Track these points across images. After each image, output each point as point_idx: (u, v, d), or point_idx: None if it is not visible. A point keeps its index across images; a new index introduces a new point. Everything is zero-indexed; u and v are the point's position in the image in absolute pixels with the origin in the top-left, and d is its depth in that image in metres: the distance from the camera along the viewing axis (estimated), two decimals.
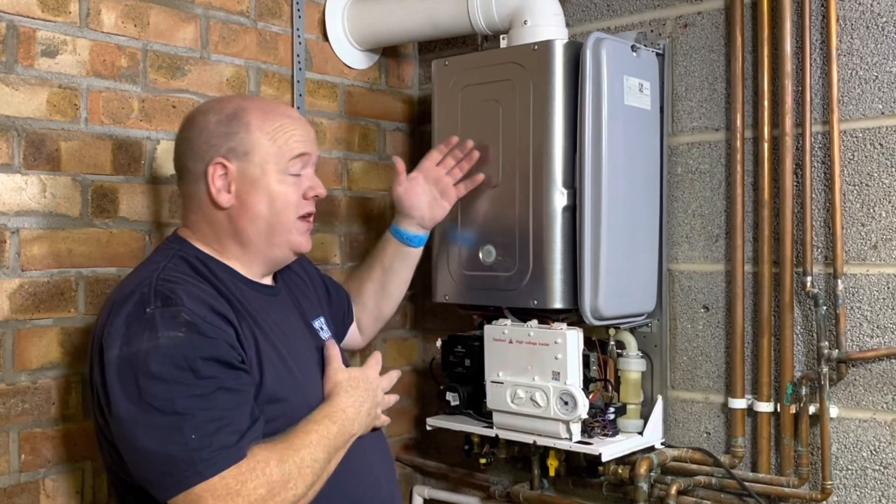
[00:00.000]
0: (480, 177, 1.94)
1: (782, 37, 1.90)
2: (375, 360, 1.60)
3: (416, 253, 1.93)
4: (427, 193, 1.91)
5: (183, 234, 1.53)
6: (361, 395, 1.50)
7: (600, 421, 1.94)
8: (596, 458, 1.90)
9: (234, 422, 1.29)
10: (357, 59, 2.39)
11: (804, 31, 1.87)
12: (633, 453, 1.98)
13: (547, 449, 2.01)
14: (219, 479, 1.25)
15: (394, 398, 1.61)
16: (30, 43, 1.72)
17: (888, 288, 1.82)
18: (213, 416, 1.27)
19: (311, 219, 1.55)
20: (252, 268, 1.52)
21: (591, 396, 1.91)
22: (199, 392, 1.28)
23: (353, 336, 1.93)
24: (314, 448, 1.36)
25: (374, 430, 1.57)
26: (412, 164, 2.55)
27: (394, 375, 1.63)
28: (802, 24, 1.87)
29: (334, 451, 1.41)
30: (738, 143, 1.97)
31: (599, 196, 1.86)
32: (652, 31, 2.11)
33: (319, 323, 1.65)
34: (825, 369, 1.82)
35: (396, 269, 1.92)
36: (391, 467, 1.64)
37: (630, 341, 2.04)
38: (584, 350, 1.91)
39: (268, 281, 1.58)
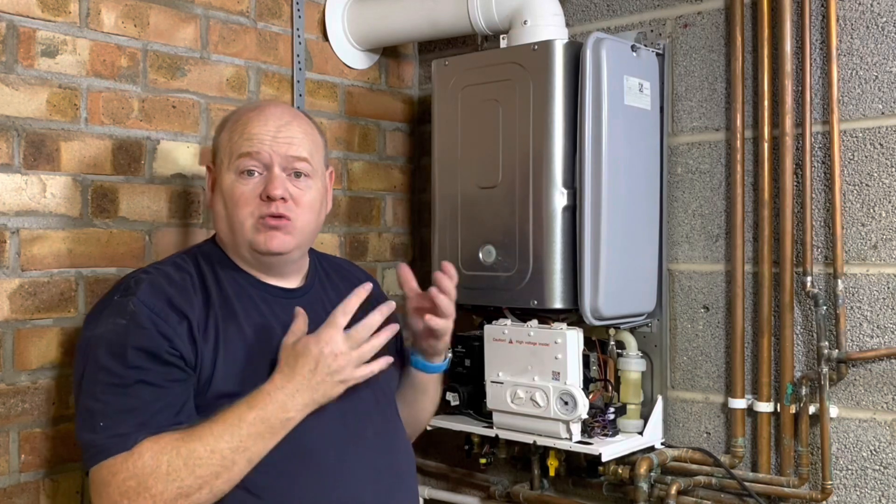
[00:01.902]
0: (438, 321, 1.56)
1: (782, 37, 1.90)
2: (333, 316, 1.39)
3: (425, 379, 1.68)
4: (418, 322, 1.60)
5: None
6: (300, 370, 1.36)
7: (600, 421, 1.94)
8: (596, 458, 1.90)
9: (141, 414, 1.32)
10: (357, 59, 2.39)
11: (804, 31, 1.87)
12: (633, 453, 1.98)
13: (547, 449, 2.01)
14: (97, 469, 1.31)
15: (376, 342, 1.40)
16: (30, 43, 1.72)
17: (888, 288, 1.82)
18: (124, 406, 1.32)
19: (282, 220, 1.46)
20: (251, 269, 1.52)
21: (591, 396, 1.91)
22: (120, 381, 1.33)
23: None
24: (215, 438, 1.31)
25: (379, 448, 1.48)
26: (413, 163, 2.57)
27: (371, 320, 1.40)
28: (802, 24, 1.87)
29: (252, 438, 1.32)
30: (738, 143, 1.97)
31: (599, 196, 1.86)
32: (652, 31, 2.11)
33: None
34: (825, 369, 1.82)
35: (409, 399, 1.68)
36: (393, 484, 1.51)
37: (630, 341, 2.04)
38: (584, 350, 1.91)
39: (288, 283, 1.56)
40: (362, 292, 1.42)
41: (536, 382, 1.89)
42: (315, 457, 1.40)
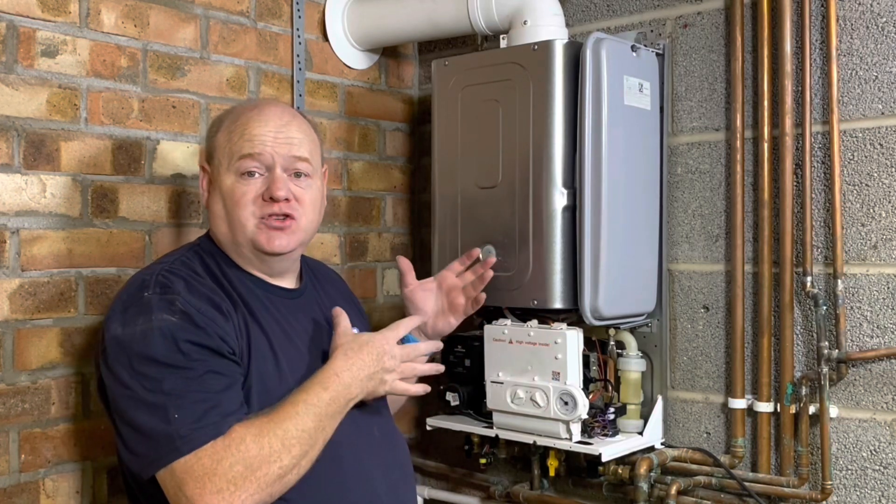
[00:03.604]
0: (483, 296, 1.85)
1: (782, 37, 1.89)
2: (396, 326, 1.52)
3: None
4: (437, 302, 1.82)
5: (210, 231, 1.58)
6: (364, 358, 1.44)
7: (600, 421, 1.94)
8: (596, 458, 1.89)
9: (221, 403, 1.31)
10: (357, 59, 2.39)
11: (804, 31, 1.87)
12: (633, 453, 1.98)
13: (547, 449, 2.01)
14: (195, 458, 1.27)
15: (425, 367, 1.54)
16: (30, 43, 1.72)
17: (888, 288, 1.82)
18: (200, 397, 1.30)
19: (288, 221, 1.49)
20: (254, 269, 1.53)
21: (591, 396, 1.91)
22: (189, 374, 1.31)
23: None
24: (301, 418, 1.34)
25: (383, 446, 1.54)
26: (413, 164, 2.57)
27: (421, 346, 1.56)
28: (802, 24, 1.87)
29: (327, 419, 1.37)
30: (738, 143, 1.97)
31: (599, 196, 1.86)
32: (652, 31, 2.11)
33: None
34: (825, 369, 1.82)
35: None
36: (400, 481, 1.57)
37: (630, 341, 2.04)
38: (584, 350, 1.91)
39: (287, 283, 1.58)
40: (426, 347, 1.59)
41: (536, 382, 1.89)
42: (335, 458, 1.42)
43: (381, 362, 1.46)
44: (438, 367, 1.58)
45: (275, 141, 1.48)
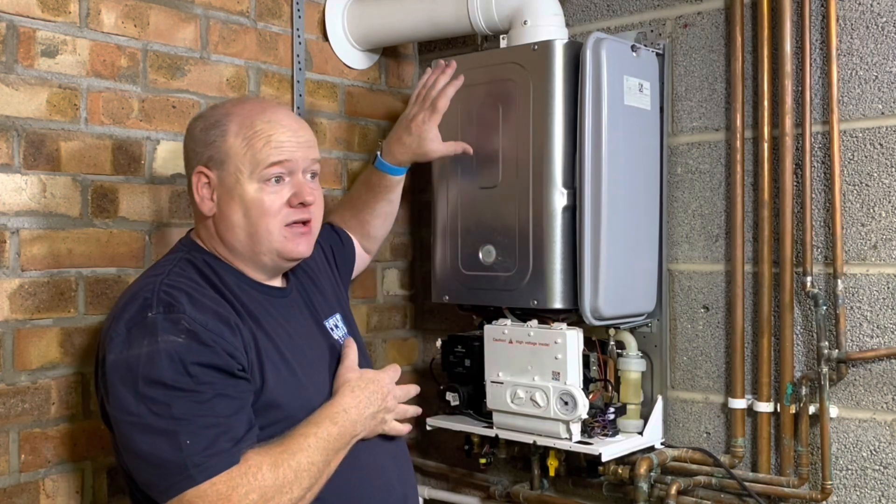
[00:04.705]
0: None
1: (782, 37, 1.90)
2: (393, 368, 1.58)
3: (394, 181, 1.93)
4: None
5: (193, 236, 1.56)
6: (369, 396, 1.48)
7: (600, 421, 1.94)
8: (596, 458, 1.90)
9: (231, 428, 1.30)
10: (357, 59, 2.39)
11: (804, 31, 1.87)
12: (633, 453, 1.98)
13: (547, 449, 2.01)
14: (209, 485, 1.25)
15: (412, 409, 1.59)
16: (30, 43, 1.72)
17: (888, 288, 1.82)
18: (210, 422, 1.28)
19: (308, 225, 1.50)
20: (252, 271, 1.52)
21: (591, 396, 1.91)
22: (198, 398, 1.29)
23: (363, 259, 1.99)
24: (312, 451, 1.35)
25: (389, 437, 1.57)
26: (413, 163, 2.56)
27: (411, 389, 1.61)
28: (802, 24, 1.87)
29: (334, 453, 1.40)
30: (738, 143, 1.97)
31: (599, 196, 1.87)
32: (652, 31, 2.11)
33: (333, 321, 1.65)
34: (825, 369, 1.82)
35: (395, 198, 1.95)
36: (406, 469, 1.62)
37: (630, 341, 2.04)
38: (584, 350, 1.91)
39: (277, 282, 1.57)
40: (414, 390, 1.62)
41: (536, 382, 1.89)
42: (354, 453, 1.45)
43: (384, 402, 1.51)
44: (417, 410, 1.63)
45: (298, 146, 1.48)
